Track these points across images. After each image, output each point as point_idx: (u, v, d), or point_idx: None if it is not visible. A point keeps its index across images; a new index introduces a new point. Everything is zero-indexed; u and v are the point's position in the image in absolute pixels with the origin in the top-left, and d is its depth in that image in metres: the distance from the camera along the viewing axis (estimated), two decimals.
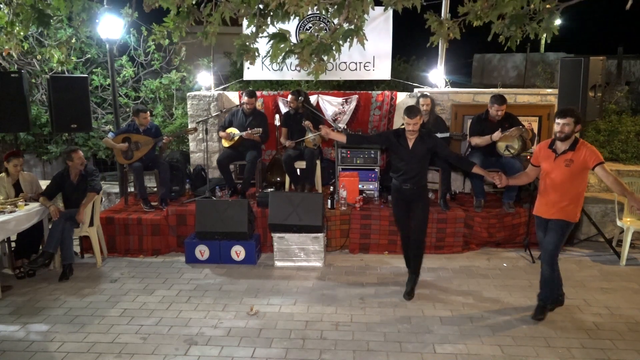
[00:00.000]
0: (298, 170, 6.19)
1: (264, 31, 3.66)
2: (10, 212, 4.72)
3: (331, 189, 6.05)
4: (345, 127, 6.44)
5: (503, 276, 4.96)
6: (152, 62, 7.92)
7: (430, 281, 4.85)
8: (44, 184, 5.48)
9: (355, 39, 3.62)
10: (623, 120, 7.22)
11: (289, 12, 3.43)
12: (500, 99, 5.39)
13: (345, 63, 6.85)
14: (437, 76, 6.79)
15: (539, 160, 4.02)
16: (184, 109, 7.57)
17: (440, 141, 4.43)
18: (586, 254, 5.55)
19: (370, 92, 6.97)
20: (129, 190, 6.42)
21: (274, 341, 3.78)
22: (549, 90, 6.48)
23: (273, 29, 3.64)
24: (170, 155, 6.94)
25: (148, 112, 6.07)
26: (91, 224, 5.34)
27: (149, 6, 3.77)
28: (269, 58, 3.55)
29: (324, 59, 3.57)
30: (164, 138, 6.04)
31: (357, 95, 6.92)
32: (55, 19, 4.52)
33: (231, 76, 8.42)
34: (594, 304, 4.33)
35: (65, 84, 6.04)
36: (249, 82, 7.77)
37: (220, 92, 7.05)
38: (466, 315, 4.17)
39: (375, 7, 3.70)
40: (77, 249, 5.60)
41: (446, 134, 5.61)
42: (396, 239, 5.44)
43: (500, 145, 5.49)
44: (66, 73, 6.95)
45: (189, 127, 6.46)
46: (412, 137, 4.31)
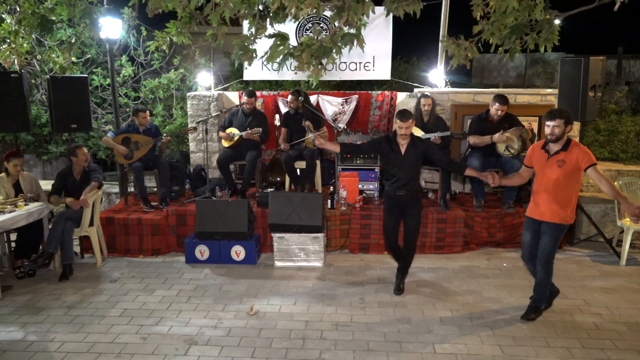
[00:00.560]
0: (298, 170, 6.18)
1: (263, 33, 3.66)
2: (10, 212, 4.72)
3: (331, 189, 6.05)
4: (345, 127, 6.45)
5: (503, 276, 4.96)
6: (152, 62, 7.91)
7: (430, 281, 4.85)
8: (44, 184, 5.48)
9: (355, 42, 3.62)
10: (623, 120, 7.22)
11: (288, 14, 3.43)
12: (502, 99, 5.38)
13: (345, 63, 6.85)
14: (437, 76, 6.79)
15: (532, 161, 3.99)
16: (183, 108, 7.57)
17: (432, 145, 4.41)
18: (586, 254, 5.55)
19: (370, 92, 6.97)
20: (129, 190, 6.42)
21: (274, 341, 3.78)
22: (549, 90, 6.48)
23: (272, 30, 3.64)
24: (170, 155, 6.94)
25: (147, 112, 6.07)
26: (91, 223, 5.34)
27: (152, 11, 3.76)
28: (266, 58, 3.55)
29: (323, 62, 3.57)
30: (164, 137, 6.04)
31: (357, 95, 6.92)
32: (57, 23, 4.53)
33: (231, 76, 8.41)
34: (594, 304, 4.33)
35: (65, 84, 6.03)
36: (248, 82, 7.77)
37: (220, 92, 7.05)
38: (466, 315, 4.17)
39: (376, 8, 3.68)
40: (77, 249, 5.60)
41: (447, 133, 5.62)
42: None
43: (500, 145, 5.49)
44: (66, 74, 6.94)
45: (189, 127, 6.46)
46: (404, 143, 4.26)
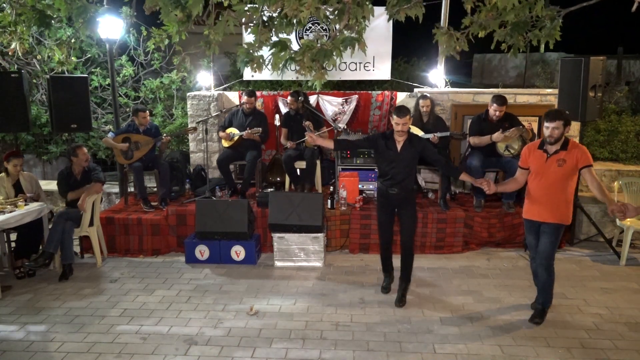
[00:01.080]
0: (298, 170, 6.19)
1: (267, 40, 3.63)
2: (10, 212, 4.72)
3: (331, 189, 6.05)
4: (345, 127, 6.45)
5: (503, 276, 4.96)
6: (152, 62, 7.92)
7: (430, 281, 4.85)
8: (44, 184, 5.48)
9: (357, 46, 3.61)
10: (623, 120, 7.22)
11: (292, 22, 3.43)
12: (500, 100, 5.38)
13: (345, 63, 6.85)
14: (437, 76, 6.79)
15: (527, 162, 3.92)
16: (184, 109, 7.57)
17: (429, 145, 4.32)
18: (586, 254, 5.55)
19: (370, 92, 6.97)
20: (129, 190, 6.42)
21: (274, 341, 3.78)
22: (549, 90, 6.48)
23: (275, 38, 3.63)
24: (170, 155, 6.94)
25: (147, 112, 6.07)
26: (91, 224, 5.34)
27: (149, 8, 3.75)
28: (271, 66, 3.54)
29: (325, 65, 3.56)
30: (164, 137, 6.04)
31: (357, 95, 6.92)
32: (55, 18, 4.53)
33: (231, 76, 8.41)
34: (594, 304, 4.33)
35: (65, 84, 6.04)
36: (249, 82, 7.77)
37: (220, 92, 7.05)
38: (466, 315, 4.17)
39: (375, 8, 3.68)
40: (77, 249, 5.60)
41: (446, 133, 5.62)
42: (396, 239, 5.42)
43: (500, 145, 5.49)
44: (66, 73, 6.94)
45: (189, 127, 6.46)
46: (401, 140, 4.16)
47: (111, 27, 5.63)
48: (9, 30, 4.71)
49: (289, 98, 6.21)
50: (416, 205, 4.46)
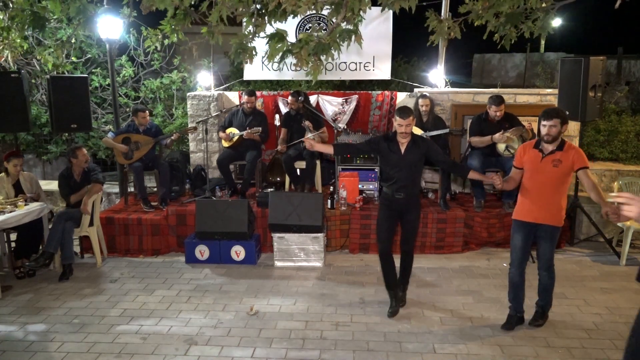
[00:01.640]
0: (298, 170, 6.18)
1: (262, 31, 3.65)
2: (10, 212, 4.72)
3: (331, 189, 6.05)
4: (345, 127, 6.45)
5: (503, 276, 4.94)
6: (152, 62, 7.92)
7: (430, 281, 4.85)
8: (44, 184, 5.48)
9: (353, 39, 3.62)
10: (623, 120, 7.21)
11: (286, 12, 3.43)
12: (497, 100, 5.37)
13: (345, 63, 6.85)
14: (437, 76, 6.79)
15: (522, 162, 3.83)
16: (184, 109, 7.57)
17: (434, 146, 4.11)
18: (586, 254, 5.55)
19: (370, 92, 6.97)
20: (129, 190, 6.42)
21: (274, 341, 3.78)
22: (549, 90, 6.48)
23: (271, 29, 3.64)
24: (170, 155, 6.94)
25: (147, 112, 6.07)
26: (91, 224, 5.34)
27: (146, 8, 3.75)
28: (267, 57, 3.56)
29: (322, 59, 3.57)
30: (174, 135, 6.03)
31: (357, 95, 6.92)
32: (54, 19, 4.52)
33: (231, 76, 8.41)
34: (594, 304, 4.33)
35: (65, 84, 6.03)
36: (249, 82, 7.77)
37: (220, 92, 7.05)
38: (466, 315, 4.17)
39: (374, 8, 3.70)
40: (77, 249, 5.60)
41: (445, 130, 5.61)
42: (396, 239, 5.42)
43: (500, 145, 5.49)
44: (66, 73, 6.94)
45: (189, 127, 6.46)
46: (405, 142, 3.95)
47: (111, 27, 5.64)
48: (1, 37, 4.69)
49: (289, 98, 6.21)
50: (421, 211, 4.28)
